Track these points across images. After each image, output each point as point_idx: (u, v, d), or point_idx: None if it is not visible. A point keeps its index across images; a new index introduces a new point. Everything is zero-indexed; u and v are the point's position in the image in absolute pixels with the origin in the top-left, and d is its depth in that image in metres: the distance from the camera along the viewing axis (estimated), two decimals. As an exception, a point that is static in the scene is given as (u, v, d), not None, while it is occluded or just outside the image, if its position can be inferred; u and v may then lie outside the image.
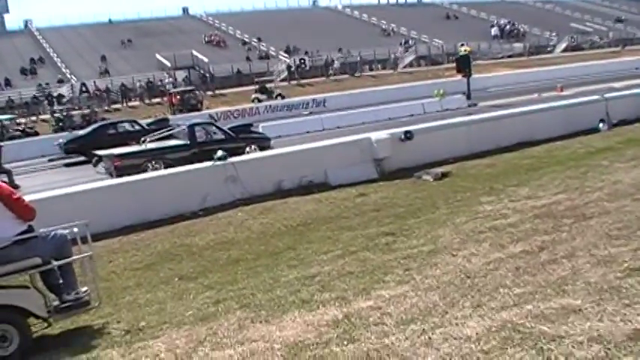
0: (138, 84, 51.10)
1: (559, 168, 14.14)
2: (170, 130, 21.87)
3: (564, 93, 35.46)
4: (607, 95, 22.44)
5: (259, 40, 66.72)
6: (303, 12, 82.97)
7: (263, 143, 21.47)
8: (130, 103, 48.53)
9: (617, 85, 34.58)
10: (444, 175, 15.38)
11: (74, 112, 40.90)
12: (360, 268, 7.73)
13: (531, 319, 5.05)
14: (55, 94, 48.76)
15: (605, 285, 5.57)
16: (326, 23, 74.52)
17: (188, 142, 19.86)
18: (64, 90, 50.19)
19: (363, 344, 5.10)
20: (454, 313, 5.47)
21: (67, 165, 26.82)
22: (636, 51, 69.33)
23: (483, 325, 5.07)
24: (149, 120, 31.20)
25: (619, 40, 77.54)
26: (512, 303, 5.50)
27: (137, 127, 26.87)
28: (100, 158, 20.07)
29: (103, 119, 35.90)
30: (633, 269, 5.87)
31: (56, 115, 40.58)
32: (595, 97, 22.72)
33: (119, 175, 17.54)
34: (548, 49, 74.24)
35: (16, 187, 19.69)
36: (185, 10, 79.96)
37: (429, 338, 4.98)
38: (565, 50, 72.92)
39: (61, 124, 38.58)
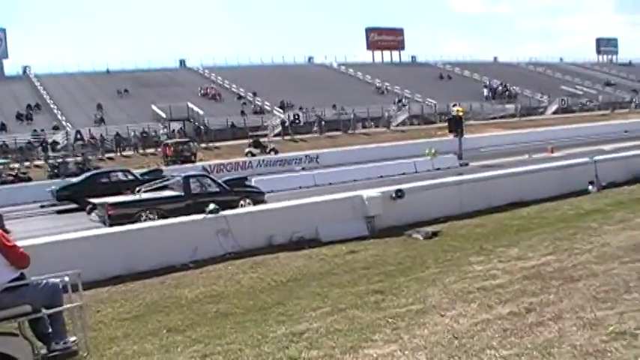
0: (132, 134, 51.34)
1: (549, 229, 14.23)
2: (165, 180, 21.92)
3: (555, 154, 35.80)
4: (596, 158, 22.68)
5: (254, 94, 67.38)
6: (298, 68, 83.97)
7: (257, 197, 21.57)
8: (124, 153, 48.68)
9: (606, 147, 34.97)
10: (435, 234, 15.43)
11: (68, 160, 40.97)
12: (348, 325, 7.74)
13: (517, 381, 5.10)
14: (49, 141, 48.98)
15: (590, 348, 5.63)
16: (321, 80, 75.44)
17: (183, 194, 19.94)
18: (59, 137, 50.54)
19: (348, 404, 5.12)
20: (441, 374, 5.50)
21: (59, 212, 26.78)
22: (625, 114, 70.47)
23: (469, 386, 5.11)
24: (142, 170, 31.27)
25: (608, 103, 78.84)
26: (499, 364, 5.55)
27: (130, 177, 26.95)
28: (95, 206, 20.10)
29: (97, 168, 35.97)
30: (619, 333, 5.94)
31: (51, 161, 40.62)
32: (585, 159, 22.96)
33: (113, 224, 17.57)
34: (539, 110, 75.28)
35: (6, 231, 19.64)
36: (182, 62, 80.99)
37: (415, 399, 5.01)
38: (556, 112, 73.88)
39: (56, 170, 38.60)
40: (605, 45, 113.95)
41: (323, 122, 58.64)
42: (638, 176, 22.24)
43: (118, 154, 48.27)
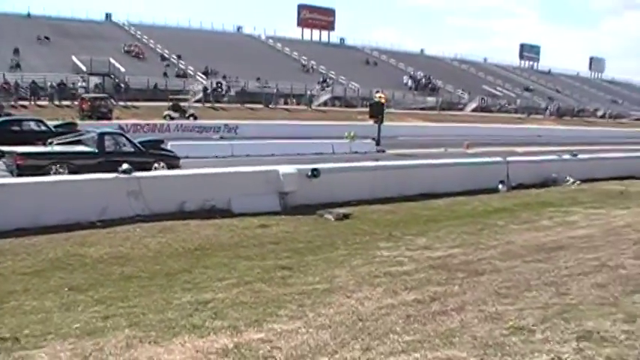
0: (49, 83, 49.54)
1: (457, 222, 14.61)
2: (79, 135, 21.32)
3: (470, 151, 36.53)
4: (509, 158, 23.29)
5: (179, 57, 66.25)
6: (226, 36, 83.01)
7: (172, 162, 21.20)
8: (39, 102, 46.99)
9: (519, 150, 35.89)
10: (346, 216, 15.58)
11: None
12: (254, 299, 7.77)
13: (418, 367, 5.23)
14: (-41, 83, 46.88)
15: (490, 341, 5.82)
16: (247, 51, 74.66)
17: (96, 151, 19.42)
18: (-31, 79, 48.32)
19: (251, 376, 5.14)
20: (344, 354, 5.59)
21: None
22: (540, 120, 72.74)
23: (373, 370, 5.21)
24: (56, 122, 30.31)
25: (525, 107, 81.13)
26: (401, 349, 5.67)
27: (43, 128, 25.99)
28: (3, 154, 19.37)
29: (8, 115, 34.66)
30: (518, 328, 6.17)
31: None
32: (498, 158, 23.55)
33: (20, 175, 17.01)
34: (459, 106, 76.67)
35: None
36: (108, 15, 78.83)
37: (318, 376, 5.08)
38: (475, 110, 75.42)
39: None
40: (528, 51, 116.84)
41: (231, 91, 58.18)
42: (546, 181, 22.98)
43: (33, 103, 46.58)
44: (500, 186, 21.20)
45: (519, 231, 13.13)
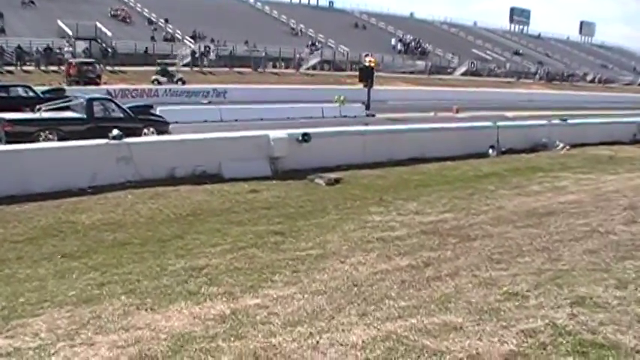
0: (35, 48, 48.95)
1: (447, 187, 14.66)
2: (67, 101, 21.16)
3: (459, 115, 36.59)
4: (499, 123, 23.30)
5: (166, 21, 65.53)
6: (213, 0, 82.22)
7: (161, 127, 21.11)
8: (25, 68, 46.49)
9: (509, 114, 35.99)
10: (337, 181, 15.60)
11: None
12: (248, 264, 7.81)
13: (415, 332, 5.29)
14: (-59, 47, 46.23)
15: (485, 306, 5.88)
16: (236, 14, 73.97)
17: (85, 117, 19.27)
18: (-49, 44, 47.66)
19: (250, 342, 5.19)
20: (340, 319, 5.63)
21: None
22: (529, 84, 72.76)
23: (369, 334, 5.26)
24: (44, 88, 30.04)
25: (515, 72, 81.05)
26: (397, 315, 5.72)
27: (31, 94, 25.75)
28: (-11, 121, 19.20)
29: (-7, 81, 34.36)
30: (512, 293, 6.23)
31: None
32: (488, 123, 23.54)
33: (9, 141, 16.88)
34: (449, 70, 76.52)
35: None
36: (94, -22, 77.63)
37: (317, 342, 5.12)
38: (464, 74, 75.29)
39: None
40: (519, 15, 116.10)
41: (211, 55, 57.88)
42: (535, 145, 23.04)
43: (19, 68, 46.11)
44: (490, 150, 21.21)
45: (510, 196, 13.19)
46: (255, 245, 8.92)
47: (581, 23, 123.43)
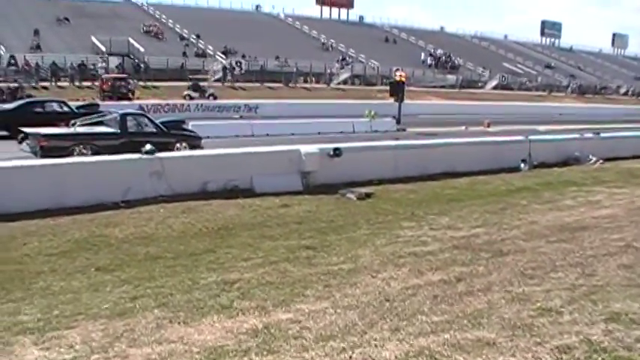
0: (69, 64, 49.63)
1: (479, 202, 14.57)
2: (101, 116, 21.44)
3: (491, 129, 36.40)
4: (531, 137, 23.16)
5: (198, 37, 66.13)
6: (244, 15, 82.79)
7: (194, 142, 21.29)
8: (59, 83, 47.13)
9: (540, 128, 35.74)
10: (368, 195, 15.58)
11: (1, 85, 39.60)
12: (280, 279, 7.81)
13: (448, 347, 5.26)
14: (-19, 64, 47.09)
15: (518, 322, 5.83)
16: (266, 30, 74.41)
17: (119, 131, 19.51)
18: (-8, 60, 48.52)
19: (282, 356, 5.19)
20: (373, 335, 5.62)
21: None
22: (561, 97, 72.13)
23: (401, 349, 5.24)
24: (79, 103, 30.49)
25: (546, 85, 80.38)
26: (430, 330, 5.69)
27: (66, 109, 26.19)
28: (27, 136, 19.48)
29: (29, 96, 34.89)
30: (545, 309, 6.17)
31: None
32: (519, 137, 23.43)
33: (44, 156, 17.14)
34: (480, 84, 76.11)
35: None
36: (127, -5, 78.78)
37: (349, 357, 5.12)
38: (495, 88, 74.80)
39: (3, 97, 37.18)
40: (550, 28, 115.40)
41: (236, 70, 58.08)
42: (567, 159, 22.85)
43: (53, 83, 46.73)
44: (522, 165, 21.09)
45: (542, 211, 13.08)
46: (287, 259, 8.94)
47: (614, 35, 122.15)
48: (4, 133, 24.62)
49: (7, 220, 12.09)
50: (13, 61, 48.50)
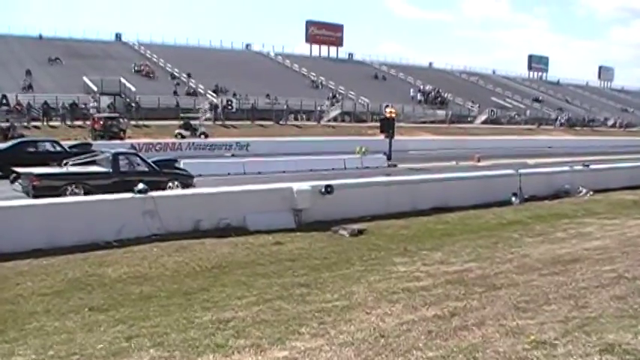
0: (61, 104, 49.70)
1: (471, 236, 14.64)
2: (93, 155, 21.51)
3: (481, 164, 36.61)
4: (521, 171, 23.27)
5: (189, 75, 66.55)
6: (235, 54, 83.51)
7: (186, 180, 21.37)
8: (51, 123, 47.13)
9: (530, 161, 35.91)
10: (360, 232, 15.61)
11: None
12: (274, 317, 7.82)
13: (444, 382, 5.27)
14: (-27, 104, 47.12)
15: (513, 355, 5.87)
16: (256, 68, 75.06)
17: (111, 171, 19.58)
18: (-17, 100, 48.59)
19: (280, 394, 5.19)
20: (369, 372, 5.63)
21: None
22: (550, 131, 72.67)
23: (398, 385, 5.25)
24: (71, 142, 30.58)
25: (535, 118, 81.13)
26: (425, 366, 5.71)
27: (58, 149, 26.32)
28: (19, 175, 19.53)
29: (21, 136, 34.97)
30: (539, 342, 6.21)
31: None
32: (510, 171, 23.56)
33: (36, 196, 17.15)
34: (469, 119, 76.62)
35: None
36: (118, 36, 79.54)
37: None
38: (485, 122, 75.27)
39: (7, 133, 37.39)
40: (537, 62, 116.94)
41: (233, 107, 58.41)
42: (558, 192, 22.97)
43: (45, 123, 46.75)
44: (513, 198, 21.19)
45: (534, 244, 13.16)
46: (280, 297, 8.95)
47: (600, 68, 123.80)
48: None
49: (0, 261, 12.07)
50: (4, 101, 48.67)
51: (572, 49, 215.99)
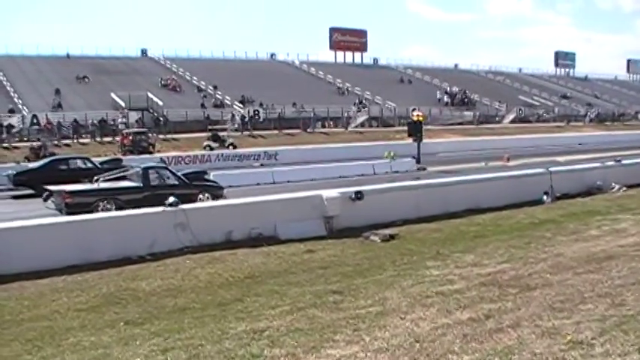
0: (90, 121, 50.41)
1: (504, 237, 14.50)
2: (124, 170, 21.73)
3: (510, 163, 36.34)
4: (551, 169, 23.09)
5: (215, 88, 66.95)
6: (260, 64, 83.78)
7: (216, 192, 21.49)
8: (81, 140, 47.75)
9: (560, 159, 35.61)
10: (392, 236, 15.59)
11: (21, 145, 40.17)
12: (309, 325, 7.80)
13: (481, 385, 5.22)
14: (4, 124, 47.76)
15: (550, 357, 5.80)
16: (282, 77, 75.31)
17: (141, 185, 19.80)
18: (15, 120, 49.32)
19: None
20: (405, 377, 5.60)
21: (15, 197, 26.24)
22: (579, 127, 71.87)
23: (435, 390, 5.22)
24: (101, 159, 30.92)
25: (564, 115, 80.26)
26: (462, 369, 5.67)
27: (89, 165, 26.63)
28: (51, 193, 19.78)
29: (52, 154, 35.41)
30: (576, 342, 6.12)
31: (35, 143, 40.14)
32: (540, 169, 23.40)
33: (69, 213, 17.37)
34: (497, 119, 76.07)
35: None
36: (144, 51, 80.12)
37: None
38: (513, 121, 74.79)
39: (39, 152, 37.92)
40: (563, 58, 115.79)
41: (260, 116, 58.79)
42: (590, 189, 22.73)
43: (75, 140, 47.36)
44: (544, 197, 21.01)
45: (568, 242, 12.99)
46: (314, 305, 8.92)
47: (629, 62, 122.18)
48: (30, 191, 25.01)
49: (36, 278, 12.26)
50: (35, 121, 49.50)
51: (598, 44, 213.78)
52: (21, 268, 12.67)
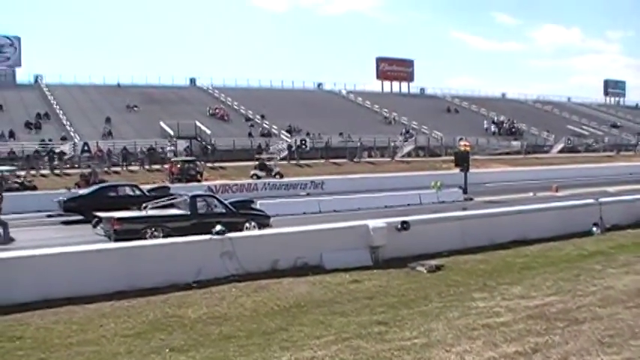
0: (139, 149, 51.38)
1: (552, 269, 14.30)
2: (172, 198, 22.01)
3: (559, 194, 35.83)
4: (601, 199, 22.73)
5: (262, 117, 67.62)
6: (307, 94, 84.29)
7: (263, 221, 21.58)
8: (130, 167, 48.54)
9: (610, 189, 35.03)
10: (438, 267, 15.50)
11: (72, 171, 40.93)
12: (353, 356, 7.78)
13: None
14: (57, 151, 48.97)
15: (598, 393, 5.68)
16: (329, 106, 75.78)
17: (189, 213, 20.00)
18: (66, 148, 50.56)
19: None
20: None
21: (65, 223, 26.71)
22: (630, 157, 70.54)
23: None
24: (150, 186, 31.32)
25: (614, 145, 79.06)
26: (509, 404, 5.59)
27: (138, 192, 26.98)
28: (100, 220, 20.08)
29: (102, 181, 35.99)
30: (625, 379, 6.00)
31: (85, 170, 41.12)
32: (589, 200, 23.03)
33: (118, 239, 17.62)
34: (545, 148, 75.35)
35: (10, 239, 19.93)
36: (192, 80, 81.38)
37: None
38: (561, 151, 73.92)
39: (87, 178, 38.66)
40: (613, 87, 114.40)
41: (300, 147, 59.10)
42: (641, 220, 22.28)
43: (124, 168, 48.18)
44: (594, 228, 20.66)
45: (618, 275, 12.73)
46: (359, 336, 8.89)
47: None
48: (80, 217, 25.44)
49: (84, 303, 12.40)
50: (86, 148, 50.61)
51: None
52: (70, 293, 12.84)
